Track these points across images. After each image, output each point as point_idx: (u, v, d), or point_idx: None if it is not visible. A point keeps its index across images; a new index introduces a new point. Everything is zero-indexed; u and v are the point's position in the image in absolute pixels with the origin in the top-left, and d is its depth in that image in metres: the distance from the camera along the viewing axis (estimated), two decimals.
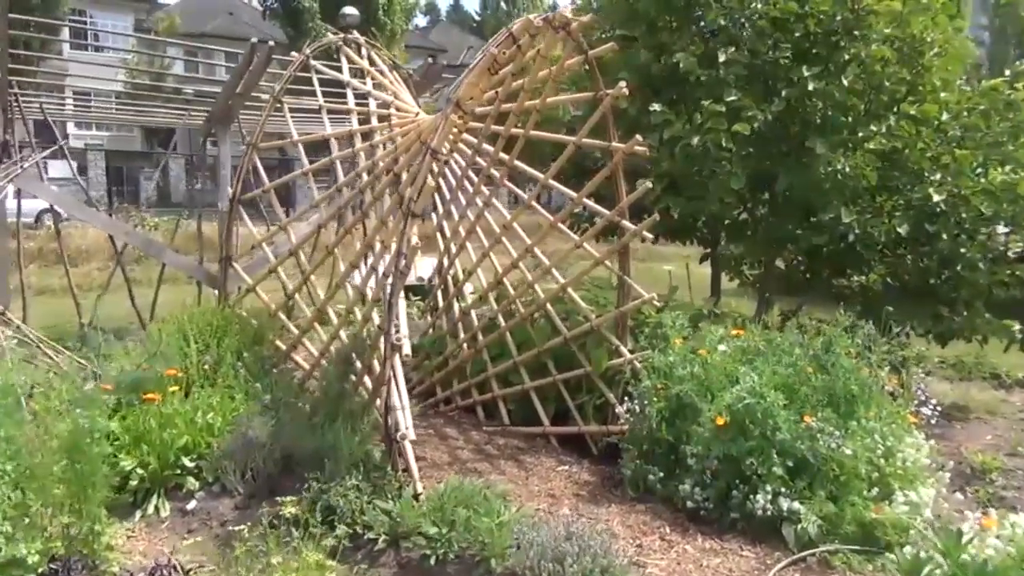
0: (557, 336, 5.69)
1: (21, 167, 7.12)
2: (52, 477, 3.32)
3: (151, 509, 4.42)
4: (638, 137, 4.90)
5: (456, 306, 6.65)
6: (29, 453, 3.33)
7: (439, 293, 7.04)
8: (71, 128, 37.80)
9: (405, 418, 4.06)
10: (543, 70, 4.99)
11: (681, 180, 6.18)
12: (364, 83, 6.45)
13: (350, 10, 22.37)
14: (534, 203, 5.77)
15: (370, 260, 5.10)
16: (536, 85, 5.20)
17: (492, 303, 6.29)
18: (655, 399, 4.72)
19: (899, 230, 5.81)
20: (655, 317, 5.58)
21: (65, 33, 31.61)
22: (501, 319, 6.12)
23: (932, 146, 6.31)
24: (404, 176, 4.82)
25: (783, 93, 5.91)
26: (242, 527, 3.83)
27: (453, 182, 6.36)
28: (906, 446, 4.42)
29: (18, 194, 8.58)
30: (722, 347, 4.79)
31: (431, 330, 6.99)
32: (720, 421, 4.33)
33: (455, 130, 5.78)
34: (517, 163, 5.75)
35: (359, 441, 4.30)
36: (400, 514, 3.80)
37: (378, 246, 5.07)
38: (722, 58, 5.97)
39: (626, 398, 5.08)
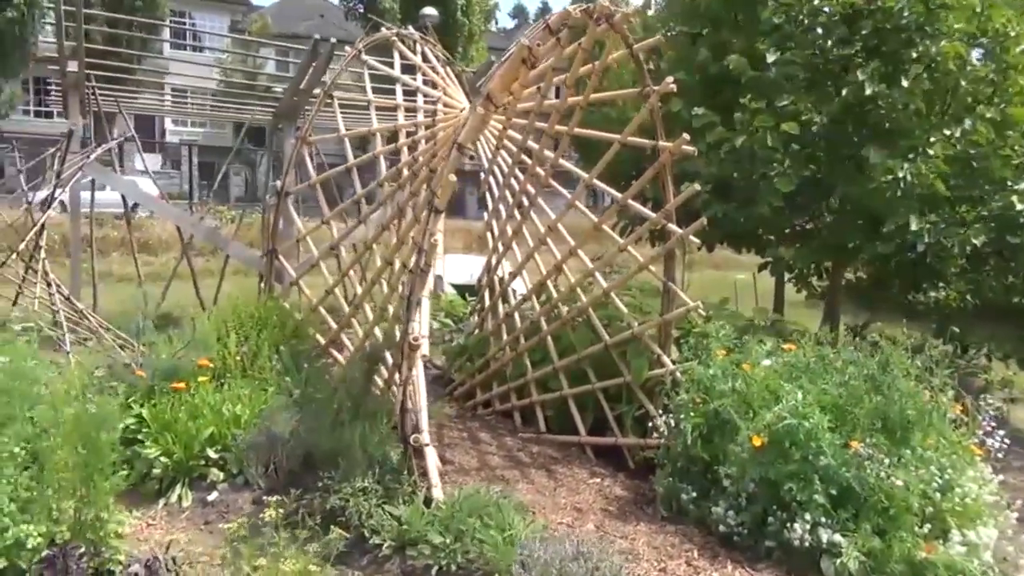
0: (598, 342, 5.47)
1: (87, 157, 7.36)
2: (60, 462, 3.32)
3: (174, 498, 4.43)
4: (685, 136, 4.64)
5: (500, 307, 6.50)
6: (37, 437, 3.35)
7: (486, 294, 6.91)
8: (168, 124, 39.61)
9: (421, 420, 3.92)
10: (586, 65, 4.78)
11: (728, 184, 5.85)
12: (415, 79, 6.38)
13: (430, 10, 22.56)
14: (578, 204, 5.56)
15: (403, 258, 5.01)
16: (583, 80, 5.00)
17: (535, 305, 6.11)
18: (692, 413, 4.45)
19: (975, 241, 5.31)
20: (701, 327, 5.28)
21: (166, 33, 33.07)
22: (543, 322, 5.93)
23: (1018, 152, 5.77)
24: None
25: (842, 94, 5.51)
26: (232, 525, 3.75)
27: (500, 180, 6.22)
28: (967, 480, 4.00)
29: (92, 184, 8.92)
30: (766, 361, 4.47)
31: (476, 331, 6.88)
32: (758, 442, 4.02)
33: (498, 127, 5.64)
34: (562, 162, 5.56)
35: (378, 442, 4.19)
36: (408, 520, 3.67)
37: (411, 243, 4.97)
38: (771, 58, 5.61)
39: (662, 411, 4.82)
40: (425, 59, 6.79)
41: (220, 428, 4.65)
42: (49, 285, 6.97)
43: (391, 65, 6.44)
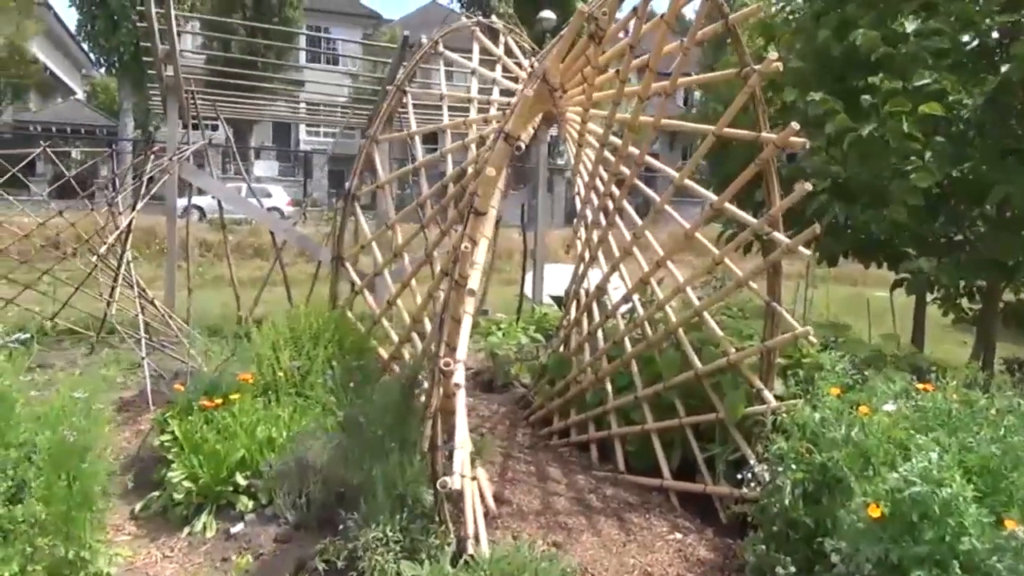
0: (688, 369, 4.68)
1: (172, 159, 7.29)
2: (38, 493, 2.95)
3: (199, 527, 4.04)
4: (794, 125, 3.79)
5: (584, 324, 5.81)
6: (20, 464, 3.00)
7: (572, 308, 6.23)
8: (303, 134, 41.28)
9: (456, 460, 3.30)
10: (671, 43, 4.02)
11: (853, 182, 4.86)
12: (494, 72, 5.81)
13: (547, 14, 22.16)
14: (667, 208, 4.78)
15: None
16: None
17: (619, 324, 5.37)
18: (794, 466, 3.59)
19: None
20: (813, 356, 4.39)
21: (301, 43, 34.39)
22: (628, 344, 5.19)
23: None
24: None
25: (1002, 71, 4.42)
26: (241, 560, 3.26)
27: (585, 180, 5.53)
28: None
29: (189, 188, 8.94)
30: (890, 405, 3.54)
31: (561, 348, 6.20)
32: (876, 512, 3.13)
33: (577, 120, 4.96)
34: (651, 160, 4.81)
35: (408, 480, 3.61)
36: None
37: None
38: (910, 27, 4.59)
39: (759, 458, 3.98)
40: (509, 52, 6.21)
41: (252, 451, 4.23)
42: (132, 287, 6.90)
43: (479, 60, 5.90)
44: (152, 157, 7.74)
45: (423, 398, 4.03)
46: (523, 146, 3.37)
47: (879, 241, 5.12)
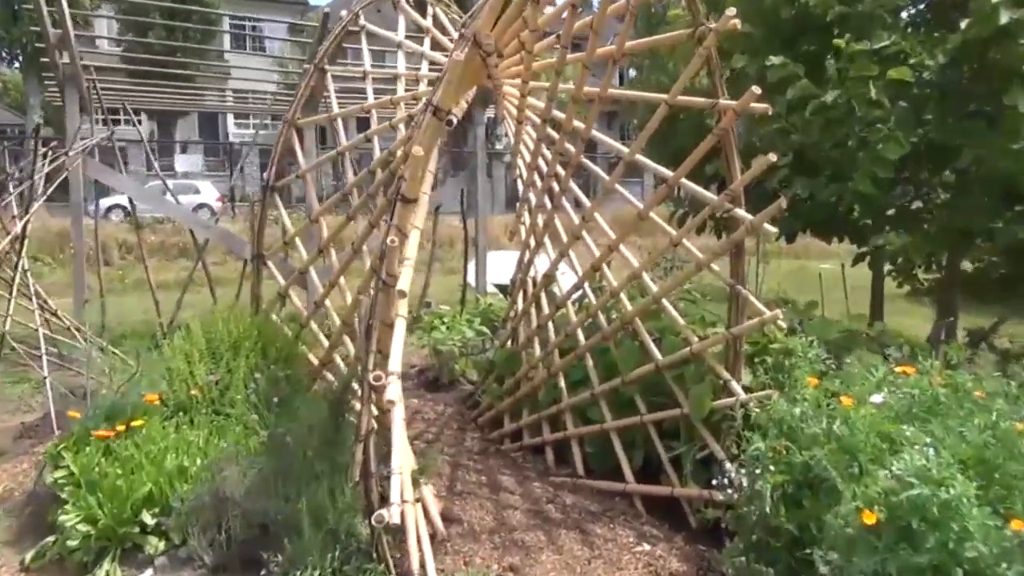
0: (648, 362, 4.30)
1: (68, 155, 6.59)
2: None
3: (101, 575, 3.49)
4: (755, 89, 3.41)
5: (534, 316, 5.39)
6: None
7: (519, 298, 5.81)
8: (231, 126, 39.76)
9: (395, 486, 2.84)
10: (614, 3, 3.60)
11: (816, 154, 4.54)
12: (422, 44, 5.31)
13: None
14: (619, 187, 4.37)
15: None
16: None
17: (570, 314, 4.97)
18: (772, 468, 3.24)
19: None
20: (781, 341, 4.05)
21: (224, 27, 32.80)
22: (581, 336, 4.79)
23: None
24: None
25: (961, 27, 4.12)
26: None
27: (527, 160, 5.09)
28: None
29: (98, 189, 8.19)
30: (877, 397, 3.20)
31: (508, 342, 5.77)
32: (870, 518, 2.79)
33: (516, 92, 4.51)
34: (598, 135, 4.39)
35: (343, 511, 3.14)
36: None
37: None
38: None
39: (731, 458, 3.63)
40: (439, 25, 5.71)
41: (160, 484, 3.68)
42: (31, 299, 6.21)
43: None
44: (48, 154, 6.99)
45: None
46: (454, 120, 2.91)
47: (840, 215, 4.83)
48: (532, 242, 5.42)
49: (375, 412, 2.95)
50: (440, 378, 6.99)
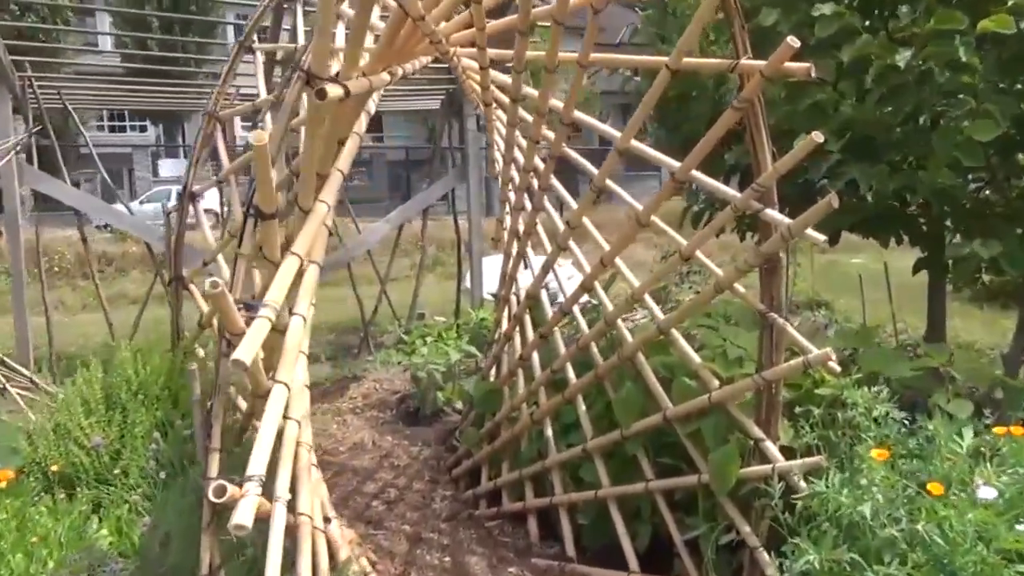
0: (654, 410, 3.30)
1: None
2: None
3: None
4: (791, 40, 2.39)
5: (517, 342, 4.39)
6: None
7: (503, 317, 4.80)
8: (239, 129, 39.02)
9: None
10: None
11: (878, 133, 3.46)
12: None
13: None
14: (612, 184, 3.36)
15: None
16: None
17: (558, 345, 3.97)
18: None
19: None
20: (833, 386, 3.01)
21: (228, 32, 32.06)
22: (571, 373, 3.79)
23: None
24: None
25: None
26: None
27: (503, 150, 4.11)
28: None
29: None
30: (987, 491, 2.16)
31: (491, 373, 4.76)
32: None
33: (476, 67, 3.50)
34: (581, 116, 3.39)
35: None
36: None
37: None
38: None
39: (767, 552, 2.62)
40: None
41: None
42: None
43: None
44: None
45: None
46: (342, 91, 1.91)
47: (903, 214, 3.76)
48: (513, 250, 4.44)
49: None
50: (422, 408, 6.03)
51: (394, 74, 2.78)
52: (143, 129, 34.76)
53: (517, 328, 4.39)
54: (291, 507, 1.97)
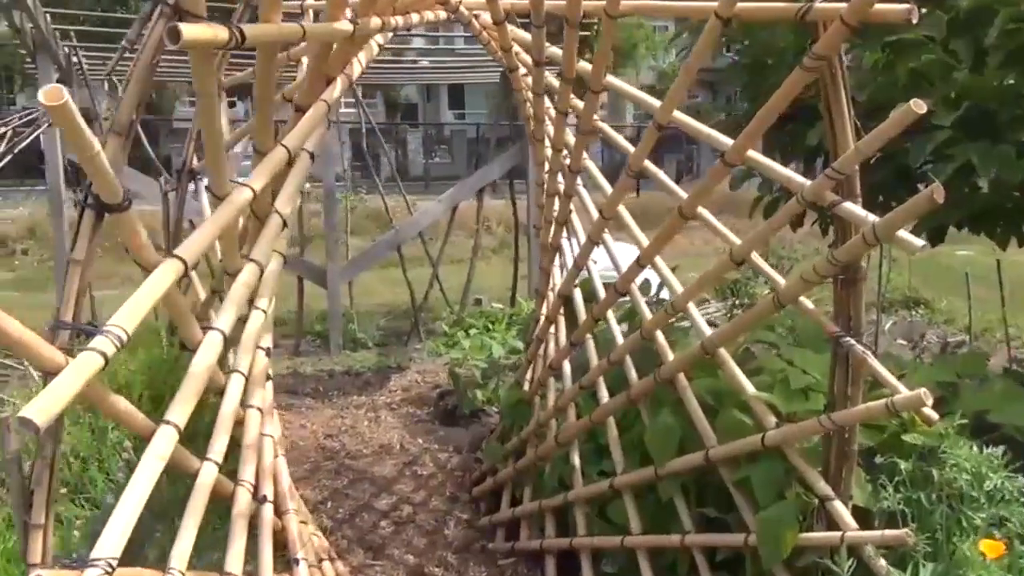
0: (696, 446, 2.68)
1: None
2: None
3: None
4: None
5: (552, 346, 3.83)
6: None
7: (542, 313, 4.22)
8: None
9: None
10: None
11: (1002, 106, 2.67)
12: None
13: None
14: (649, 165, 2.72)
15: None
16: None
17: (591, 356, 3.37)
18: None
19: None
20: (926, 433, 2.32)
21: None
22: (604, 391, 3.20)
23: None
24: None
25: None
26: None
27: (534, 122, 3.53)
28: None
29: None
30: None
31: (525, 378, 4.20)
32: None
33: (489, 25, 2.92)
34: (615, 81, 2.77)
35: None
36: None
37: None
38: None
39: None
40: None
41: None
42: None
43: None
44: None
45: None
46: (209, 35, 1.38)
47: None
48: (550, 239, 3.86)
49: None
50: (459, 407, 5.55)
51: (386, 24, 2.26)
52: (232, 105, 35.61)
53: (552, 330, 3.83)
54: None
